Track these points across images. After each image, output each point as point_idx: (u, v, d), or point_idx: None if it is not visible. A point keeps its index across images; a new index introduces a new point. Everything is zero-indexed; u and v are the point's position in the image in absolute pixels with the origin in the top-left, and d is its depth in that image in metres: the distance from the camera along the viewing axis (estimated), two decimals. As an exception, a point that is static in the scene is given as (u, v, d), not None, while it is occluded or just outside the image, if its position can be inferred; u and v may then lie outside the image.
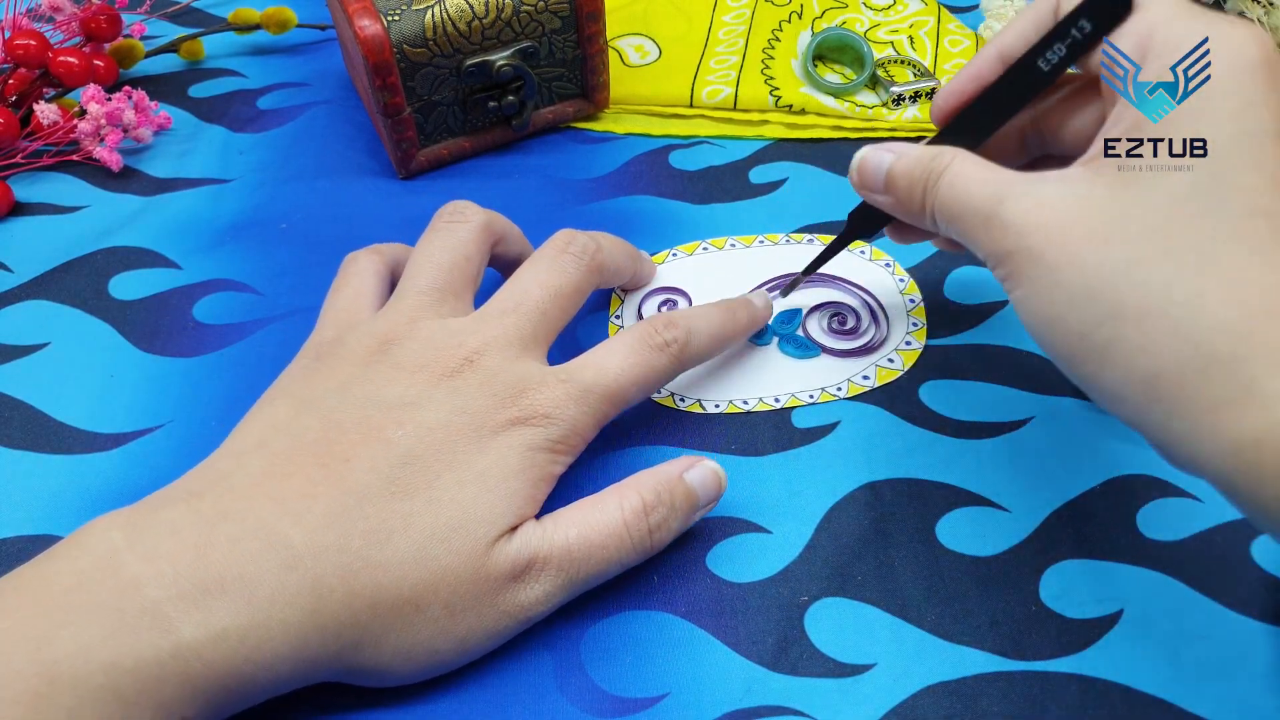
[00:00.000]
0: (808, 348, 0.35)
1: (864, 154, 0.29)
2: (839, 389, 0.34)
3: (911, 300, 0.37)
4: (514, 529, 0.26)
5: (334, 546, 0.23)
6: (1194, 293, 0.21)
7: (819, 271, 0.38)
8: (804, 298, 0.37)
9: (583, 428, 0.27)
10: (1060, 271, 0.23)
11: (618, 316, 0.36)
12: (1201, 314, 0.21)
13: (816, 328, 0.35)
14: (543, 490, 0.27)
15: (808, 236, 0.39)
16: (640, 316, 0.36)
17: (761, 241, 0.39)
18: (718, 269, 0.38)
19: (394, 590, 0.24)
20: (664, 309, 0.36)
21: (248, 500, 0.24)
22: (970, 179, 0.26)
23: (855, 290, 0.37)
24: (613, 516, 0.26)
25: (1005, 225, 0.24)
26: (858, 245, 0.39)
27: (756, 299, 0.34)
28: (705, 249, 0.39)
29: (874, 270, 0.38)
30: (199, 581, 0.22)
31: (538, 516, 0.27)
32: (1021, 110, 0.28)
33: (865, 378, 0.34)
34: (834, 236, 0.39)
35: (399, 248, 0.34)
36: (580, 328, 0.36)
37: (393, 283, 0.33)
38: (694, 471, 0.28)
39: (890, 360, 0.34)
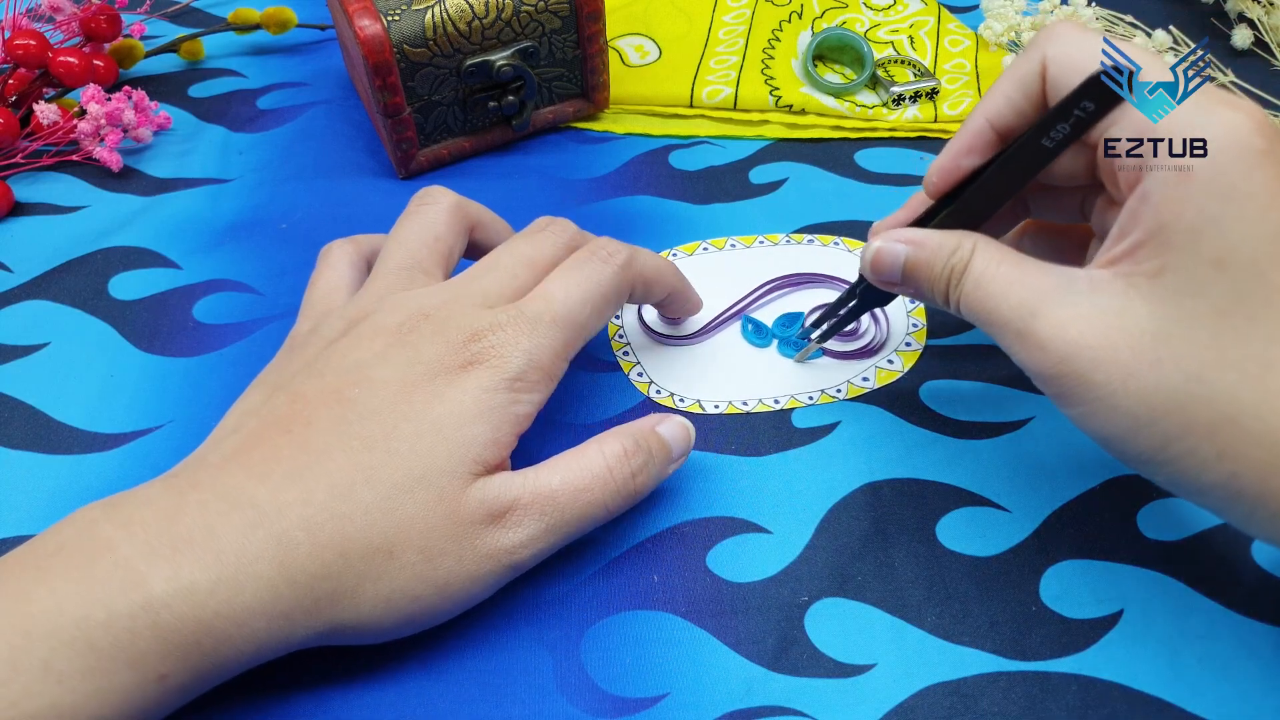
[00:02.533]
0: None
1: (877, 248, 0.28)
2: (839, 390, 0.34)
3: (911, 301, 0.37)
4: (491, 473, 0.26)
5: (298, 501, 0.24)
6: (1261, 398, 0.22)
7: (819, 273, 0.38)
8: (804, 300, 0.37)
9: (540, 360, 0.27)
10: (1116, 396, 0.23)
11: (617, 317, 0.36)
12: (1273, 417, 0.21)
13: (817, 329, 0.35)
14: (506, 432, 0.26)
15: (808, 236, 0.39)
16: (640, 315, 0.36)
17: (761, 241, 0.39)
18: (718, 269, 0.38)
19: (362, 539, 0.24)
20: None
21: (217, 471, 0.25)
22: (996, 282, 0.25)
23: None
24: (595, 462, 0.27)
25: (1043, 345, 0.24)
26: (857, 245, 0.39)
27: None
28: (705, 249, 0.39)
29: (874, 270, 0.38)
30: (168, 540, 0.23)
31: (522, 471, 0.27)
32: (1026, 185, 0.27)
33: (865, 379, 0.34)
34: (832, 238, 0.39)
35: (375, 237, 0.34)
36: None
37: (369, 269, 0.33)
38: (665, 425, 0.29)
39: (890, 361, 0.34)
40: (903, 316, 0.36)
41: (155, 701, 0.22)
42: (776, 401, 0.33)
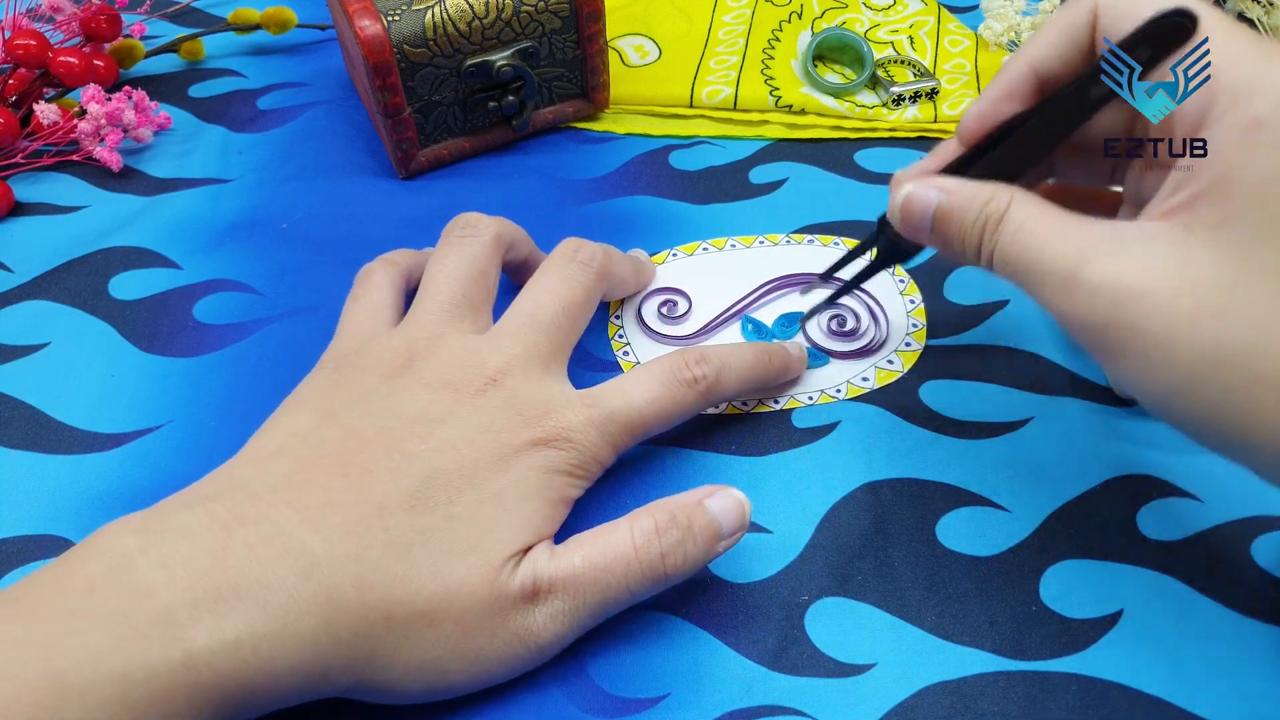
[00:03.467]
0: (815, 357, 0.35)
1: (908, 191, 0.26)
2: (838, 390, 0.33)
3: (911, 301, 0.37)
4: (527, 550, 0.25)
5: (352, 556, 0.23)
6: None
7: (819, 273, 0.38)
8: (804, 300, 0.37)
9: (602, 454, 0.27)
10: (1176, 347, 0.22)
11: (617, 317, 0.36)
12: None
13: (816, 329, 0.35)
14: (560, 512, 0.27)
15: (808, 237, 0.39)
16: (640, 315, 0.36)
17: (761, 242, 0.39)
18: (718, 269, 0.38)
19: (409, 604, 0.23)
20: (664, 309, 0.36)
21: (266, 506, 0.23)
22: (1038, 232, 0.24)
23: (855, 291, 0.37)
24: (622, 540, 0.26)
25: (1093, 292, 0.22)
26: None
27: (792, 348, 0.33)
28: (705, 249, 0.39)
29: (874, 270, 0.38)
30: (213, 587, 0.21)
31: (557, 541, 0.26)
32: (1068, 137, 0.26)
33: (864, 379, 0.34)
34: (832, 238, 0.39)
35: (411, 256, 0.34)
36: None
37: (408, 290, 0.33)
38: (715, 499, 0.27)
39: (890, 362, 0.34)
40: (903, 316, 0.36)
41: None
42: (776, 402, 0.33)
